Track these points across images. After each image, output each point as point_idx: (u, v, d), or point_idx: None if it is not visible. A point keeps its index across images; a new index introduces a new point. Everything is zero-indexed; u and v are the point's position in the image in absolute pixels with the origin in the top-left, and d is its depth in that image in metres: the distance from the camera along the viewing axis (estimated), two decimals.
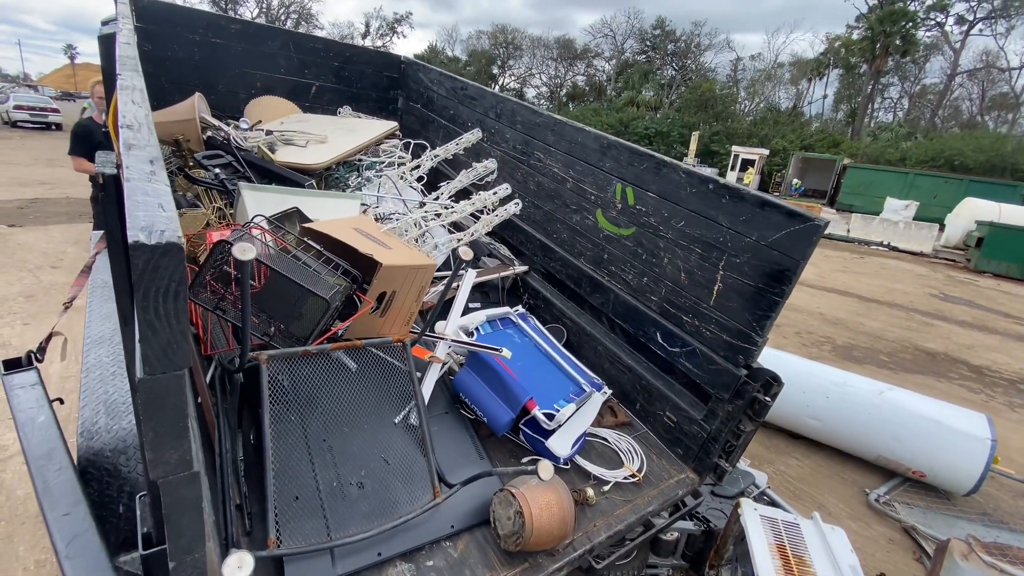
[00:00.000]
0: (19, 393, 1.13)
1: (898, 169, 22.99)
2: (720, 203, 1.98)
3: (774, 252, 1.83)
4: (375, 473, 1.62)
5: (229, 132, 3.02)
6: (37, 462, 0.99)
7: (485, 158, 3.19)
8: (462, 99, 3.56)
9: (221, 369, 1.73)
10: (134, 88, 0.97)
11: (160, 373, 0.59)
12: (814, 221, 1.72)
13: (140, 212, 0.58)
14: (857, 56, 35.59)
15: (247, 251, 1.04)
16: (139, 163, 0.71)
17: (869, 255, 14.26)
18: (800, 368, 3.94)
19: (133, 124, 0.81)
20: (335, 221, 2.01)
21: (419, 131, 4.10)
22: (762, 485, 2.90)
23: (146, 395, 0.59)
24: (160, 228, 0.56)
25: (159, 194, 0.64)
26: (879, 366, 5.79)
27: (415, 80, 4.20)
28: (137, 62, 1.21)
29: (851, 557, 2.20)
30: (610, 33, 45.34)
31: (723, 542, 2.42)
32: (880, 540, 3.03)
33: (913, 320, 7.92)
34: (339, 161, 3.10)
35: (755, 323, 1.92)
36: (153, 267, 0.55)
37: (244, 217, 2.19)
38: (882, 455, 3.60)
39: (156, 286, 0.55)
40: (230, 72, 3.74)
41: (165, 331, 0.58)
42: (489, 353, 1.95)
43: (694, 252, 2.10)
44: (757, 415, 1.95)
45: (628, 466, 2.04)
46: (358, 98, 4.26)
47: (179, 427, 0.63)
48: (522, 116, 3.02)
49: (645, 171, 2.28)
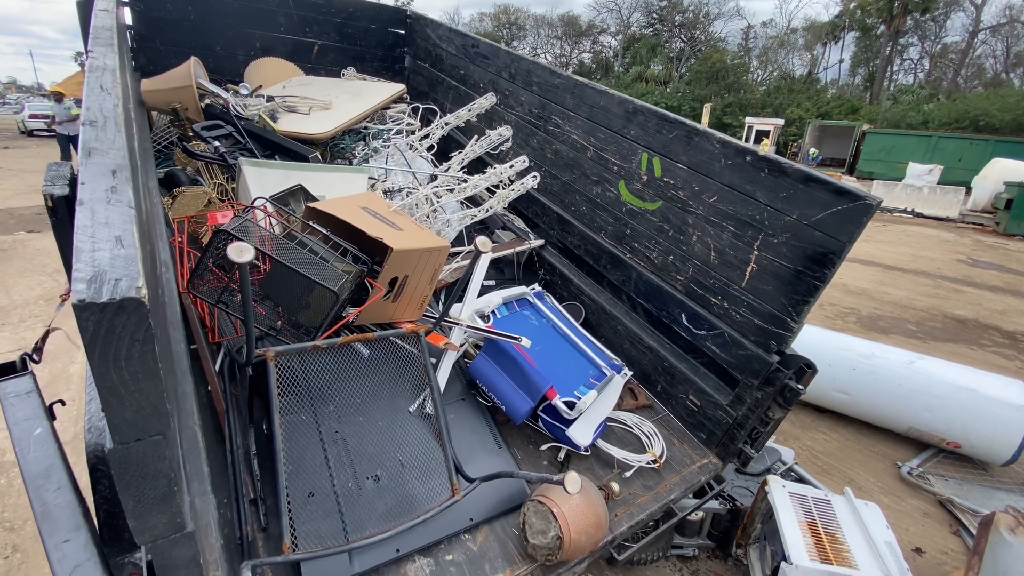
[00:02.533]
0: (14, 403, 1.06)
1: (920, 132, 21.86)
2: (758, 177, 1.82)
3: (817, 233, 1.68)
4: (391, 466, 1.57)
5: (228, 99, 2.86)
6: (35, 482, 0.93)
7: (499, 123, 3.00)
8: (473, 58, 3.33)
9: (230, 358, 1.67)
10: (104, 69, 0.84)
11: (134, 441, 0.51)
12: (866, 200, 1.56)
13: (88, 252, 0.48)
14: (874, 16, 33.39)
15: (244, 252, 0.93)
16: (97, 177, 0.60)
17: (892, 222, 13.72)
18: (825, 340, 3.80)
19: (97, 120, 0.70)
20: (342, 200, 1.89)
21: (427, 93, 3.88)
22: (789, 461, 2.84)
23: (121, 465, 0.51)
24: (114, 276, 0.45)
25: (118, 222, 0.53)
26: (907, 336, 5.61)
27: (423, 37, 3.93)
28: (113, 34, 1.07)
29: (887, 533, 2.14)
30: (615, 7, 43.20)
31: (750, 520, 2.38)
32: (914, 514, 2.97)
33: (941, 287, 7.64)
34: (344, 130, 2.94)
35: (791, 308, 1.79)
36: (107, 329, 0.45)
37: (246, 194, 2.07)
38: (914, 427, 3.49)
39: (114, 350, 0.46)
40: (227, 32, 3.52)
41: (134, 396, 0.48)
42: (508, 341, 1.86)
43: (727, 230, 1.95)
44: (787, 402, 1.86)
45: (650, 451, 1.98)
46: (362, 57, 4.03)
47: (165, 491, 0.55)
48: (539, 77, 2.80)
49: (675, 140, 2.10)
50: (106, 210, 0.55)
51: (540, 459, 1.89)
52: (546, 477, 1.44)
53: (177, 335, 1.26)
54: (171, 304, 1.45)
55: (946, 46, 35.65)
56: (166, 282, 1.45)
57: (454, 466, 1.58)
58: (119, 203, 0.57)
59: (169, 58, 3.13)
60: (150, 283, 0.78)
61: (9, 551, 2.32)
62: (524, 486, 1.70)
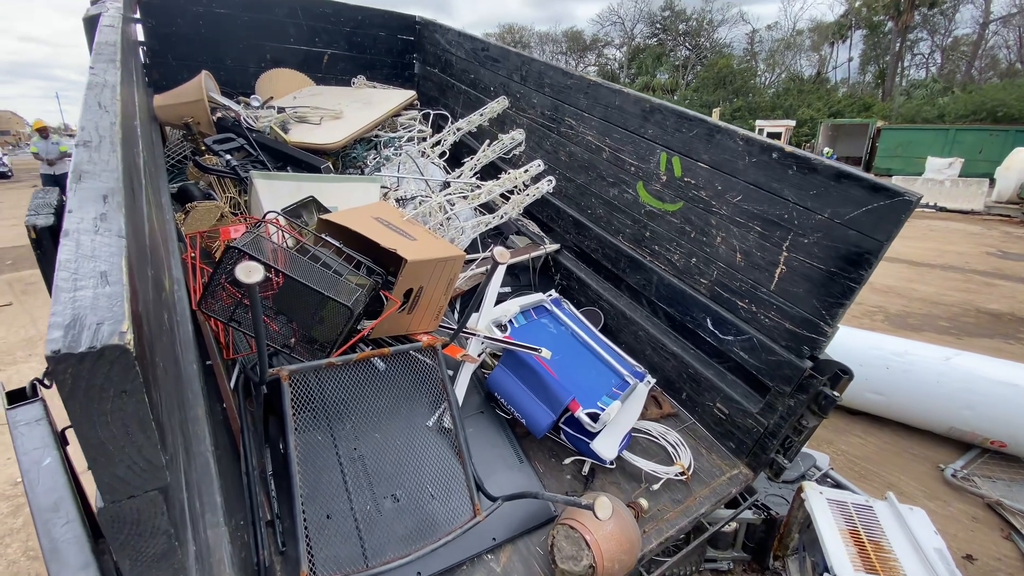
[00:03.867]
0: (23, 431, 1.03)
1: (937, 126, 21.31)
2: (786, 175, 1.73)
3: (851, 232, 1.59)
4: (410, 485, 1.51)
5: (239, 112, 2.86)
6: (43, 515, 0.90)
7: (511, 127, 2.95)
8: (483, 61, 3.28)
9: (245, 375, 1.64)
10: (104, 85, 0.80)
11: (127, 498, 0.46)
12: (904, 196, 1.46)
13: (66, 295, 0.43)
14: (881, 13, 32.82)
15: (253, 273, 0.89)
16: (86, 203, 0.55)
17: (915, 218, 13.28)
18: (855, 339, 3.67)
19: (92, 140, 0.65)
20: (354, 211, 1.85)
21: (438, 98, 3.84)
22: (824, 467, 2.72)
23: (113, 525, 0.45)
24: (95, 320, 0.40)
25: (105, 254, 0.48)
26: (939, 332, 5.40)
27: (432, 42, 3.90)
28: (117, 49, 1.04)
29: (936, 539, 2.02)
30: (618, 20, 43.50)
31: (787, 530, 2.27)
32: (962, 519, 2.82)
33: (972, 281, 7.38)
34: (356, 138, 2.91)
35: (824, 311, 1.70)
36: (87, 381, 0.39)
37: (258, 207, 2.05)
38: (955, 426, 3.33)
39: (97, 404, 0.41)
40: (238, 45, 3.53)
41: (124, 452, 0.43)
42: (528, 352, 1.80)
43: (752, 230, 1.86)
44: (822, 410, 1.77)
45: (678, 463, 1.90)
46: (372, 65, 4.01)
47: (165, 548, 0.50)
48: (551, 78, 2.74)
49: (695, 138, 2.02)
50: (93, 241, 0.50)
51: (563, 473, 1.82)
52: (574, 500, 1.37)
53: (189, 355, 1.23)
54: (183, 323, 1.42)
55: (957, 39, 34.95)
56: (177, 301, 1.42)
57: (475, 485, 1.52)
58: (108, 232, 0.52)
59: (181, 73, 3.14)
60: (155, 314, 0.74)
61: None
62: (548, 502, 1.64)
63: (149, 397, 0.45)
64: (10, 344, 4.60)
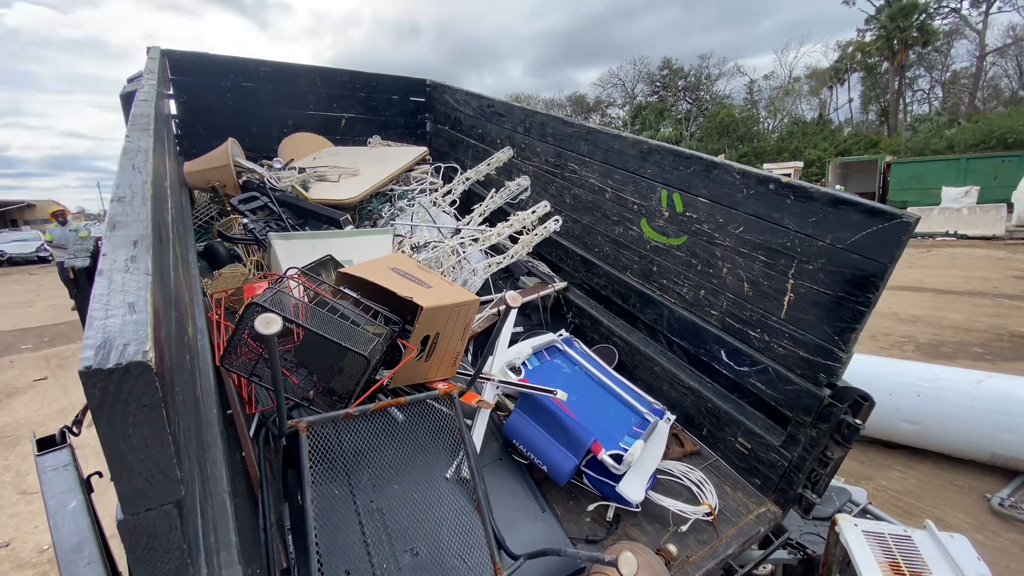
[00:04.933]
0: (51, 476, 1.08)
1: (948, 157, 21.42)
2: (784, 204, 1.77)
3: (854, 256, 1.60)
4: (429, 540, 1.48)
5: (263, 174, 3.05)
6: (66, 556, 0.93)
7: (517, 175, 3.07)
8: (490, 117, 3.47)
9: (265, 427, 1.66)
10: (138, 151, 0.90)
11: (145, 511, 0.49)
12: (901, 218, 1.48)
13: (99, 320, 0.49)
14: (875, 56, 34.01)
15: (271, 324, 0.94)
16: (118, 248, 0.63)
17: (935, 247, 13.17)
18: (881, 368, 3.55)
19: (125, 196, 0.74)
20: (371, 263, 1.93)
21: (449, 152, 4.04)
22: (862, 502, 2.58)
23: (130, 537, 0.49)
24: (122, 342, 0.46)
25: (133, 288, 0.55)
26: (974, 359, 5.20)
27: (441, 102, 4.15)
28: (150, 121, 1.16)
29: (980, 566, 1.88)
30: (619, 82, 46.08)
31: (825, 570, 2.13)
32: (1013, 549, 2.63)
33: (1002, 306, 7.15)
34: (372, 193, 3.06)
35: (836, 336, 1.68)
36: (114, 394, 0.45)
37: (277, 266, 2.15)
38: (996, 452, 3.15)
39: (121, 416, 0.45)
40: (262, 113, 3.81)
41: (142, 464, 0.48)
42: (544, 395, 1.80)
43: (757, 260, 1.88)
44: (846, 439, 1.72)
45: (705, 503, 1.83)
46: (387, 126, 4.26)
47: (177, 565, 0.53)
48: (552, 128, 2.88)
49: (693, 174, 2.09)
50: (123, 278, 0.57)
51: (586, 518, 1.77)
52: (598, 557, 1.33)
53: (209, 401, 1.28)
54: (204, 371, 1.48)
55: (956, 73, 35.68)
56: (200, 349, 1.48)
57: (496, 542, 1.48)
58: (136, 271, 0.59)
59: (210, 141, 3.38)
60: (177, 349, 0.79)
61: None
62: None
63: (167, 414, 0.49)
64: (43, 416, 4.77)
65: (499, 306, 2.47)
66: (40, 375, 5.94)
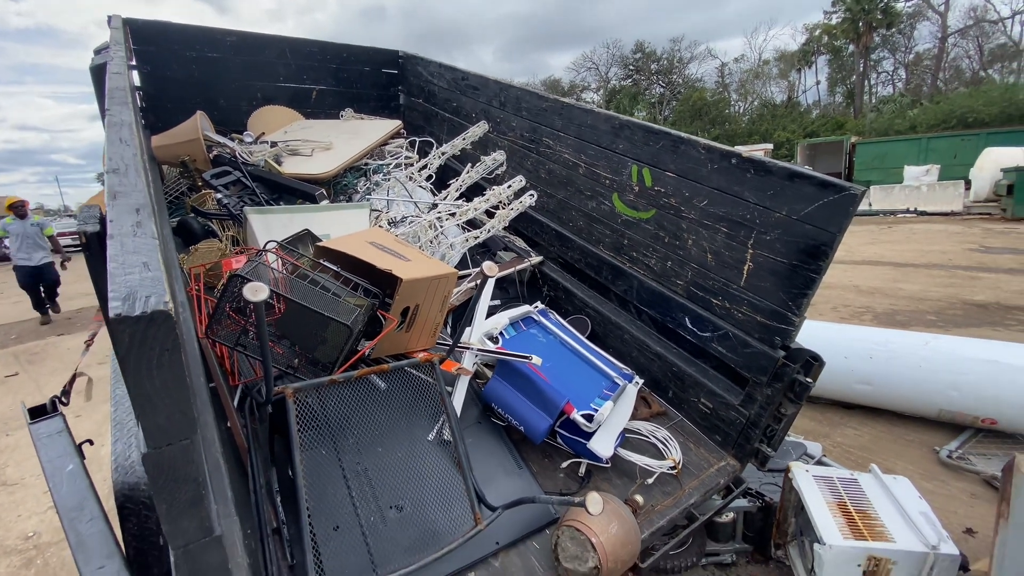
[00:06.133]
0: (46, 443, 1.12)
1: (910, 136, 22.08)
2: (745, 178, 1.87)
3: (807, 226, 1.72)
4: (413, 496, 1.57)
5: (234, 148, 3.00)
6: (69, 514, 0.98)
7: (492, 149, 3.10)
8: (464, 90, 3.47)
9: (250, 396, 1.71)
10: (122, 124, 0.92)
11: (166, 445, 0.56)
12: (849, 190, 1.60)
13: (120, 276, 0.54)
14: (841, 38, 34.64)
15: (259, 292, 0.99)
16: (123, 214, 0.67)
17: (896, 223, 13.71)
18: (837, 333, 3.77)
19: (119, 167, 0.77)
20: (349, 237, 1.96)
21: (423, 126, 4.02)
22: (816, 455, 2.77)
23: (154, 469, 0.56)
24: (144, 294, 0.51)
25: (144, 250, 0.60)
26: (927, 326, 5.50)
27: (415, 75, 4.11)
28: (127, 93, 1.17)
29: (920, 504, 2.09)
30: (593, 65, 45.94)
31: (782, 515, 2.32)
32: (961, 496, 2.86)
33: (956, 276, 7.55)
34: (346, 167, 3.06)
35: (790, 302, 1.81)
36: (140, 339, 0.50)
37: (254, 241, 2.16)
38: (944, 409, 3.38)
39: (147, 358, 0.51)
40: (230, 85, 3.71)
41: (164, 403, 0.54)
42: (520, 361, 1.89)
43: (720, 231, 1.99)
44: (798, 397, 1.86)
45: (670, 458, 1.97)
46: (359, 99, 4.20)
47: (194, 495, 0.60)
48: (527, 102, 2.91)
49: (661, 150, 2.17)
50: (133, 241, 0.62)
51: (560, 474, 1.89)
52: (567, 500, 1.44)
53: (196, 370, 1.32)
54: (189, 342, 1.52)
55: (919, 54, 36.56)
56: (184, 321, 1.51)
57: (476, 495, 1.58)
58: (144, 235, 0.64)
59: (176, 114, 3.29)
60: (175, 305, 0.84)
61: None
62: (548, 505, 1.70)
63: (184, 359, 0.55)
64: (17, 411, 4.73)
65: (476, 279, 2.54)
66: (10, 371, 5.84)
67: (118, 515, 1.44)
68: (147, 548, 1.46)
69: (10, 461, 3.79)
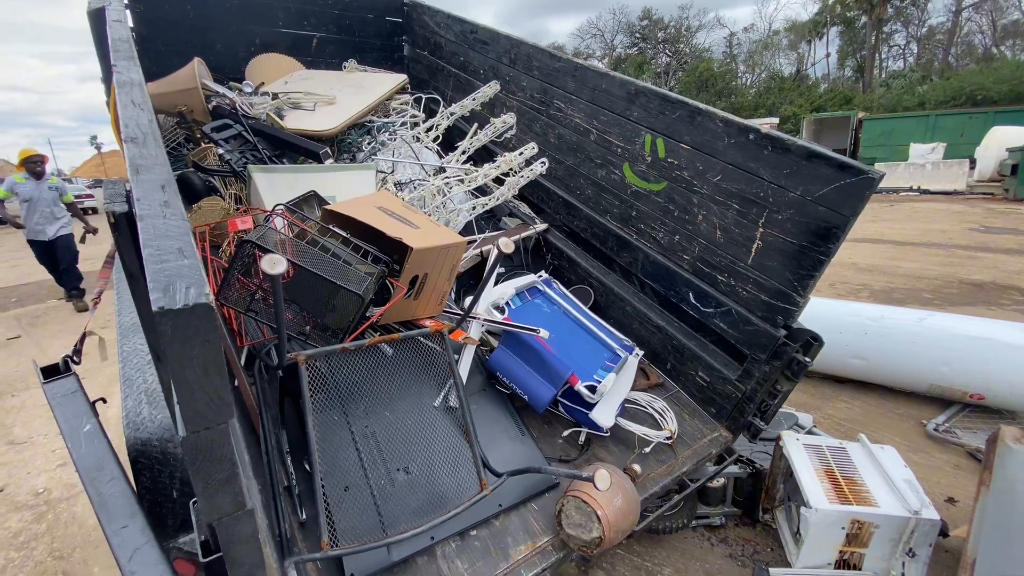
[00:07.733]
0: (61, 402, 1.14)
1: (917, 113, 21.48)
2: (761, 155, 1.84)
3: (821, 208, 1.70)
4: (421, 459, 1.62)
5: (234, 99, 2.89)
6: (89, 474, 1.01)
7: (501, 110, 3.01)
8: (473, 44, 3.32)
9: (260, 360, 1.73)
10: (133, 84, 0.88)
11: (204, 429, 0.57)
12: (868, 174, 1.58)
13: (155, 266, 0.53)
14: (854, 9, 33.05)
15: (277, 264, 0.98)
16: (150, 193, 0.65)
17: (899, 201, 13.58)
18: (834, 309, 3.81)
19: (137, 136, 0.74)
20: (357, 201, 1.93)
21: (428, 81, 3.88)
22: (807, 425, 2.86)
23: (192, 452, 0.57)
24: (184, 284, 0.51)
25: (176, 233, 0.59)
26: (923, 303, 5.56)
27: (421, 24, 3.92)
28: (131, 45, 1.11)
29: (905, 472, 2.19)
30: (598, 32, 44.24)
31: (771, 481, 2.43)
32: (944, 467, 2.99)
33: (954, 256, 7.58)
34: (351, 124, 2.96)
35: (796, 283, 1.82)
36: (182, 331, 0.51)
37: (258, 200, 2.12)
38: (934, 383, 3.47)
39: (188, 348, 0.52)
40: (227, 29, 3.53)
41: (203, 388, 0.54)
42: (528, 334, 1.91)
43: (731, 208, 1.97)
44: (795, 375, 1.91)
45: (667, 428, 2.03)
46: (362, 48, 4.02)
47: (229, 474, 0.61)
48: (539, 61, 2.80)
49: (677, 120, 2.11)
50: (164, 224, 0.61)
51: (560, 441, 1.95)
52: (576, 474, 1.49)
53: None
54: None
55: (931, 28, 35.29)
56: None
57: (481, 462, 1.63)
58: (173, 216, 0.63)
59: (171, 59, 3.15)
60: None
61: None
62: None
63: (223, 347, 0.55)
64: (22, 372, 4.79)
65: (482, 247, 2.52)
66: (13, 334, 5.85)
67: (132, 470, 1.49)
68: (161, 501, 1.52)
69: (17, 421, 3.87)
